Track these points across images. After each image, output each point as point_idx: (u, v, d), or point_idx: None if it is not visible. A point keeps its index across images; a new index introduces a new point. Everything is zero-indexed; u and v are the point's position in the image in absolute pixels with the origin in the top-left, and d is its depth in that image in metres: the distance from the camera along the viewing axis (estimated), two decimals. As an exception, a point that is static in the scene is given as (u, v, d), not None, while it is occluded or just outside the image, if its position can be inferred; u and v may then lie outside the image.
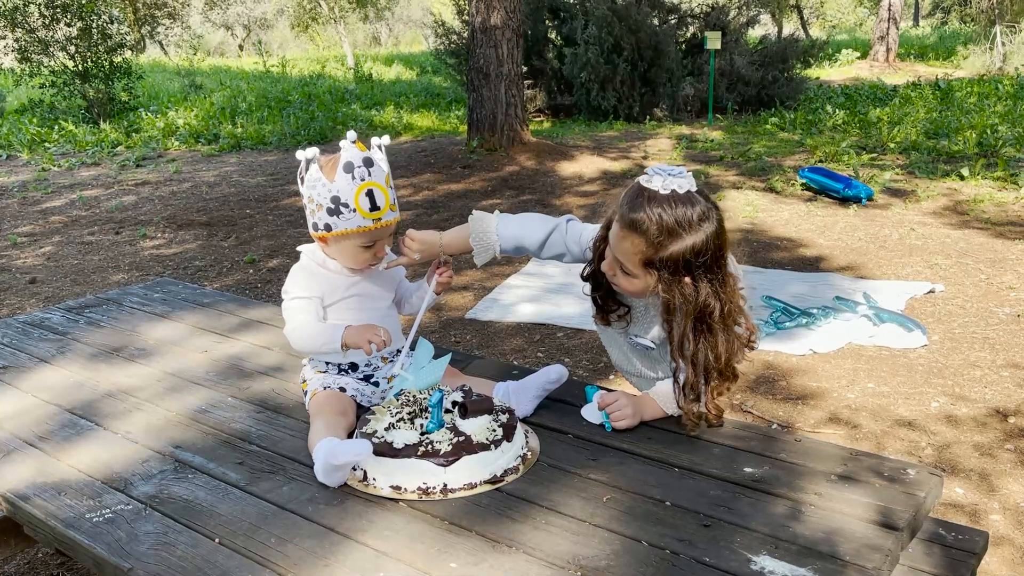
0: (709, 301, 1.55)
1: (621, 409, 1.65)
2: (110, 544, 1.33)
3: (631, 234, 1.56)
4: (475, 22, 8.41)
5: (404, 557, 1.27)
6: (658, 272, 1.55)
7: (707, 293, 1.55)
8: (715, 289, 1.55)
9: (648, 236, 1.53)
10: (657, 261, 1.54)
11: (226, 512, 1.41)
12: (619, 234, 1.59)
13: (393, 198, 1.72)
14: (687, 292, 1.54)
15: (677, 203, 1.53)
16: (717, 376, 1.60)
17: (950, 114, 10.53)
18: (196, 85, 16.31)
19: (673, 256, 1.52)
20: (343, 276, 1.78)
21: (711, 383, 1.61)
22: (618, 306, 1.79)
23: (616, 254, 1.61)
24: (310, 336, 1.71)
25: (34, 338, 2.29)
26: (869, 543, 1.25)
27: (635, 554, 1.25)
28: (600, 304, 1.82)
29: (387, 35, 37.32)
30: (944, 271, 4.98)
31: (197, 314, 2.44)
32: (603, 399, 1.67)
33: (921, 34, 28.14)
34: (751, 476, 1.46)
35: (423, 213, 6.81)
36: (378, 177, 1.69)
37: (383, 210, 1.69)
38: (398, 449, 1.46)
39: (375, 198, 1.67)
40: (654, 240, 1.53)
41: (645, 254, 1.55)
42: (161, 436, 1.70)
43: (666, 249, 1.52)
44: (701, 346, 1.58)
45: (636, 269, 1.59)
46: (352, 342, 1.67)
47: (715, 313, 1.56)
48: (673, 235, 1.52)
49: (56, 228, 6.80)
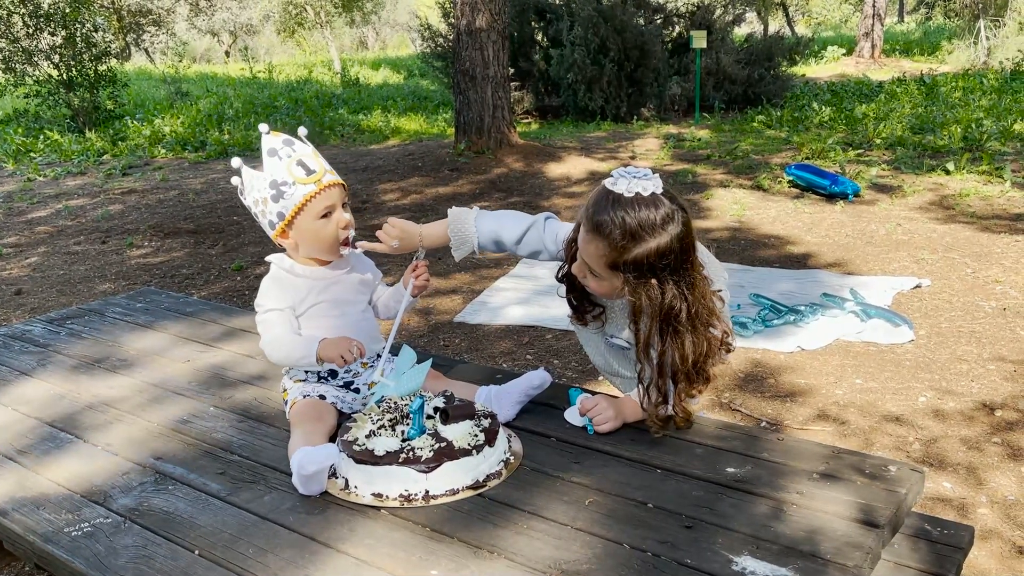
0: (675, 303, 1.55)
1: (602, 413, 1.65)
2: (88, 559, 1.32)
3: (596, 238, 1.56)
4: (460, 25, 8.41)
5: (385, 565, 1.26)
6: (624, 274, 1.56)
7: (673, 295, 1.55)
8: (681, 291, 1.56)
9: (611, 240, 1.54)
10: (622, 264, 1.54)
11: (206, 523, 1.40)
12: (585, 237, 1.60)
13: (327, 165, 1.74)
14: (652, 294, 1.54)
15: (640, 206, 1.53)
16: (684, 378, 1.60)
17: (935, 109, 10.58)
18: (182, 92, 16.25)
19: (637, 259, 1.53)
20: (312, 281, 1.77)
21: (678, 385, 1.61)
22: (593, 307, 1.79)
23: (583, 257, 1.62)
24: (285, 350, 1.71)
25: (15, 351, 2.27)
26: (850, 541, 1.25)
27: (616, 557, 1.24)
28: (575, 305, 1.82)
29: (374, 39, 37.28)
30: (930, 266, 5.00)
31: (180, 324, 2.43)
32: (584, 404, 1.67)
33: (906, 30, 28.29)
34: (733, 476, 1.45)
35: (411, 216, 6.79)
36: (303, 151, 1.73)
37: (319, 172, 1.71)
38: (379, 456, 1.45)
39: (307, 164, 1.71)
40: (617, 244, 1.53)
41: (609, 257, 1.55)
42: (142, 448, 1.69)
43: (630, 252, 1.53)
44: (668, 347, 1.58)
45: (602, 272, 1.59)
46: (326, 356, 1.66)
47: (681, 315, 1.56)
48: (636, 238, 1.52)
49: (42, 238, 6.76)
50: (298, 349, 1.69)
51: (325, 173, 1.72)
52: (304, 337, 1.71)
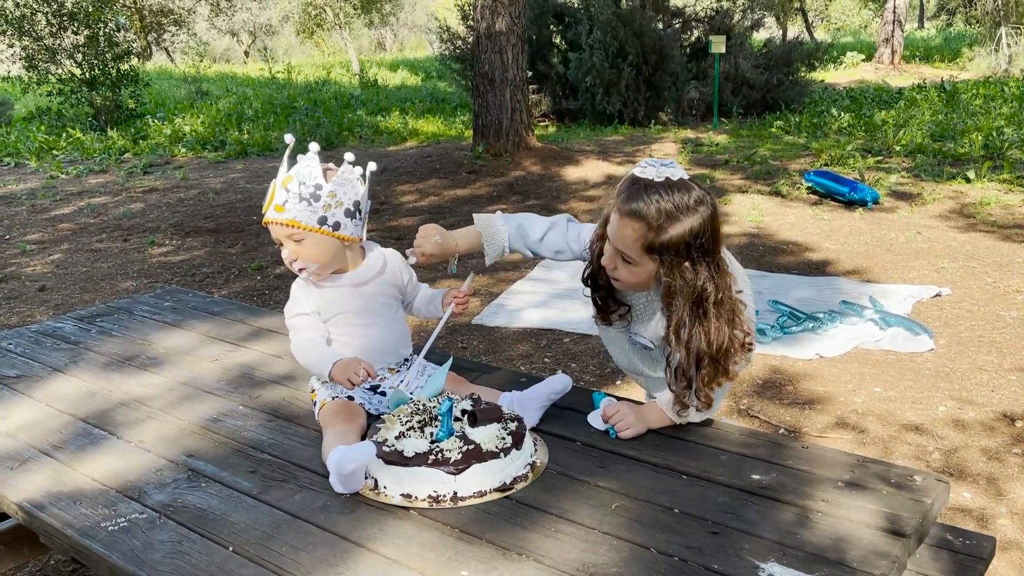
0: (707, 285, 1.60)
1: (624, 419, 1.67)
2: (125, 553, 1.35)
3: (631, 221, 1.60)
4: (480, 28, 8.45)
5: (416, 565, 1.28)
6: (659, 256, 1.60)
7: (705, 277, 1.60)
8: (711, 274, 1.61)
9: (648, 220, 1.57)
10: (658, 245, 1.58)
11: (239, 520, 1.43)
12: (619, 223, 1.63)
13: (283, 198, 1.69)
14: (687, 276, 1.59)
15: (673, 189, 1.58)
16: (709, 364, 1.62)
17: (956, 116, 10.51)
18: (202, 92, 16.38)
19: (673, 239, 1.57)
20: (335, 290, 1.80)
21: (702, 370, 1.63)
22: (618, 306, 1.81)
23: (617, 245, 1.65)
24: (307, 359, 1.75)
25: (47, 347, 2.31)
26: (876, 550, 1.26)
27: (644, 561, 1.26)
28: (600, 304, 1.84)
29: (392, 41, 37.41)
30: (951, 274, 4.98)
31: (207, 323, 2.46)
32: (606, 411, 1.69)
33: (926, 36, 28.11)
34: (759, 483, 1.47)
35: (429, 218, 6.83)
36: (278, 177, 1.72)
37: (266, 205, 1.72)
38: (408, 457, 1.48)
39: (267, 194, 1.73)
40: (654, 224, 1.57)
41: (646, 239, 1.59)
42: (174, 445, 1.72)
43: (666, 232, 1.57)
44: (696, 331, 1.61)
45: (637, 256, 1.62)
46: (336, 378, 1.67)
47: (711, 297, 1.60)
48: (672, 218, 1.57)
49: (65, 236, 6.84)
50: (316, 365, 1.73)
51: (270, 207, 1.71)
52: (323, 353, 1.73)
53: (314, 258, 1.72)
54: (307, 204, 1.67)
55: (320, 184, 1.68)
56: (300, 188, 1.67)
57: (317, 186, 1.68)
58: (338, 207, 1.71)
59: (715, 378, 1.65)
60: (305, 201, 1.67)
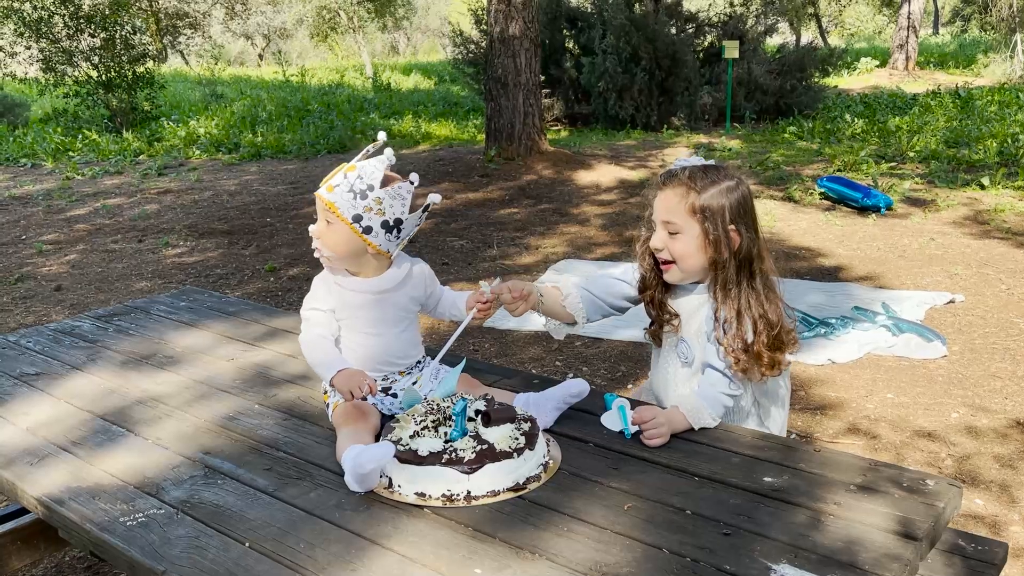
0: (752, 249, 1.76)
1: (657, 428, 1.66)
2: (143, 547, 1.37)
3: (672, 187, 1.77)
4: (493, 32, 8.48)
5: (430, 563, 1.29)
6: (703, 215, 1.72)
7: (750, 241, 1.75)
8: (754, 239, 1.75)
9: (685, 182, 1.75)
10: (700, 206, 1.73)
11: (255, 517, 1.45)
12: (661, 196, 1.79)
13: (339, 181, 1.75)
14: (733, 237, 1.74)
15: (707, 167, 1.79)
16: (765, 327, 1.75)
17: (970, 123, 10.47)
18: (217, 94, 16.50)
19: (714, 199, 1.73)
20: (353, 294, 1.81)
21: (759, 336, 1.75)
22: (669, 315, 1.87)
23: (663, 217, 1.78)
24: (314, 356, 1.77)
25: (65, 346, 2.34)
26: (888, 552, 1.26)
27: (656, 561, 1.27)
28: (653, 313, 1.91)
29: (405, 44, 37.56)
30: (964, 281, 4.96)
31: (223, 323, 2.49)
32: (641, 414, 1.68)
33: (941, 42, 27.99)
34: (771, 486, 1.47)
35: (441, 222, 6.86)
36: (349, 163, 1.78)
37: (325, 180, 1.78)
38: (423, 456, 1.49)
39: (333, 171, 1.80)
40: (695, 186, 1.74)
41: (687, 199, 1.74)
42: (191, 443, 1.74)
43: (707, 191, 1.73)
44: (745, 292, 1.75)
45: (683, 220, 1.75)
46: (338, 386, 1.69)
47: (755, 262, 1.75)
48: (708, 178, 1.75)
49: (80, 236, 6.91)
50: (321, 365, 1.75)
51: (325, 184, 1.77)
52: (330, 356, 1.75)
53: (332, 246, 1.76)
54: (352, 197, 1.72)
55: (373, 186, 1.73)
56: (356, 181, 1.73)
57: (370, 187, 1.73)
58: (378, 215, 1.74)
59: (771, 344, 1.75)
60: (352, 194, 1.73)
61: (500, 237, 6.34)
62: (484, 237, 6.36)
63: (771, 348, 1.76)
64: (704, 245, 1.74)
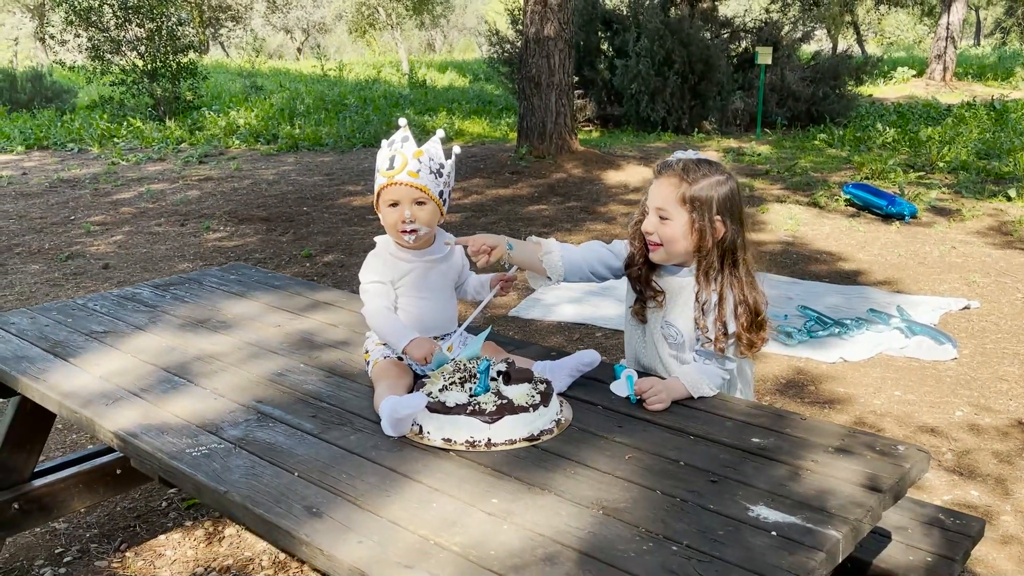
0: (736, 239, 1.91)
1: (657, 395, 1.85)
2: (208, 472, 1.58)
3: (666, 176, 1.93)
4: (529, 32, 8.67)
5: (454, 493, 1.49)
6: (692, 205, 1.89)
7: (733, 233, 1.91)
8: (738, 231, 1.92)
9: (679, 173, 1.92)
10: (690, 197, 1.89)
11: (303, 453, 1.66)
12: (655, 183, 1.96)
13: (416, 167, 1.97)
14: (717, 227, 1.90)
15: (700, 160, 1.96)
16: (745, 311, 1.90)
17: (1003, 135, 10.46)
18: (256, 86, 16.88)
19: (704, 191, 1.89)
20: (407, 264, 2.04)
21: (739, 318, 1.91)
22: (654, 292, 2.01)
23: (655, 203, 1.95)
24: (382, 327, 1.98)
25: (128, 309, 2.58)
26: (854, 501, 1.44)
27: (650, 500, 1.46)
28: (639, 289, 2.05)
29: (442, 42, 37.88)
30: (981, 289, 5.06)
31: (270, 295, 2.71)
32: (640, 385, 1.87)
33: (981, 54, 27.68)
34: (757, 445, 1.65)
35: (471, 216, 7.07)
36: (407, 149, 1.98)
37: (396, 170, 1.97)
38: (450, 407, 1.69)
39: (394, 161, 1.98)
40: (687, 177, 1.89)
41: (679, 188, 1.91)
42: (244, 393, 1.96)
43: (698, 183, 1.89)
44: (726, 277, 1.92)
45: (673, 209, 1.91)
46: (411, 353, 1.91)
47: (738, 251, 1.92)
48: (700, 171, 1.91)
49: (126, 218, 7.22)
50: (391, 334, 1.96)
51: (403, 172, 1.96)
52: (398, 326, 1.96)
53: (427, 222, 2.00)
54: (435, 177, 1.99)
55: (443, 164, 2.01)
56: (430, 162, 1.98)
57: (441, 164, 2.01)
58: (447, 186, 2.03)
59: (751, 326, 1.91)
60: (434, 174, 1.99)
61: (527, 232, 6.54)
62: (512, 232, 6.56)
63: (749, 330, 1.91)
64: (690, 232, 1.91)
